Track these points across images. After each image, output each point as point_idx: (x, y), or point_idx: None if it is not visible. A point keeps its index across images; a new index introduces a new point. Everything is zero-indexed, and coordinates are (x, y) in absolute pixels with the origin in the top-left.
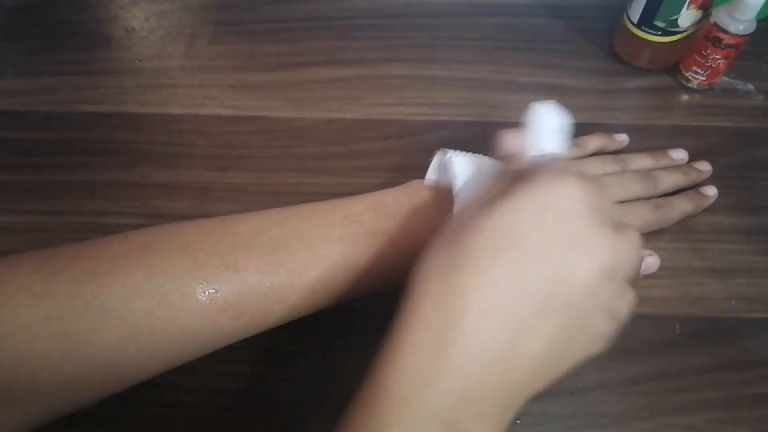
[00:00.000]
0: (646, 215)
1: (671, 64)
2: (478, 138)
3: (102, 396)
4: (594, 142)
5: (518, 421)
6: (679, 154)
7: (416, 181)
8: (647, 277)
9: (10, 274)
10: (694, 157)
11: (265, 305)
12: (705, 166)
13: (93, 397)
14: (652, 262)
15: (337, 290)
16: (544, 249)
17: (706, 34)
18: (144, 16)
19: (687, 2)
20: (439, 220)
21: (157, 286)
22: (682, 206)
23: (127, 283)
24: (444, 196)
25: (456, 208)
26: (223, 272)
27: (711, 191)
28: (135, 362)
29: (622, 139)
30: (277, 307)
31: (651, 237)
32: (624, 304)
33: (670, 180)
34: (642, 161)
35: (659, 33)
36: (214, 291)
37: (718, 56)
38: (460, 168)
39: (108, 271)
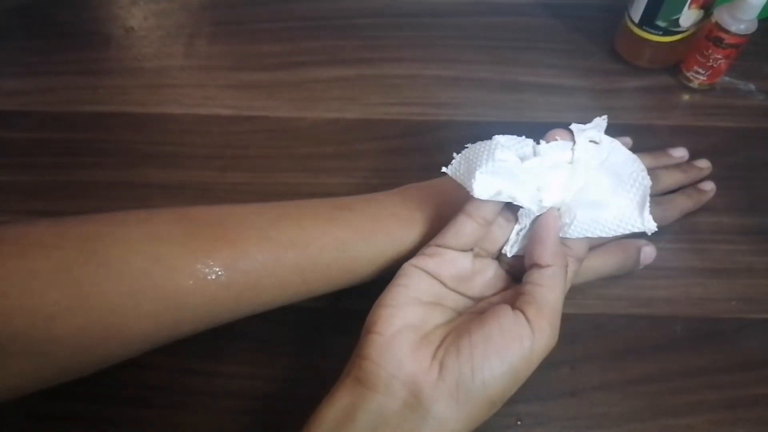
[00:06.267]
0: None
1: (672, 63)
2: (478, 138)
3: (106, 361)
4: None
5: (518, 422)
6: (679, 152)
7: (410, 186)
8: (648, 278)
9: (25, 231)
10: (694, 157)
11: (254, 277)
12: (704, 164)
13: (97, 359)
14: (649, 251)
15: (328, 272)
16: None
17: (707, 34)
18: (143, 16)
19: (688, 2)
20: (432, 216)
21: (153, 247)
22: (681, 203)
23: (126, 242)
24: (436, 198)
25: None
26: (213, 242)
27: (708, 186)
28: (134, 322)
29: (625, 141)
30: (266, 281)
31: (651, 237)
32: None
33: (670, 178)
34: (642, 161)
35: (660, 32)
36: (205, 258)
37: (719, 56)
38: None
39: (109, 233)
